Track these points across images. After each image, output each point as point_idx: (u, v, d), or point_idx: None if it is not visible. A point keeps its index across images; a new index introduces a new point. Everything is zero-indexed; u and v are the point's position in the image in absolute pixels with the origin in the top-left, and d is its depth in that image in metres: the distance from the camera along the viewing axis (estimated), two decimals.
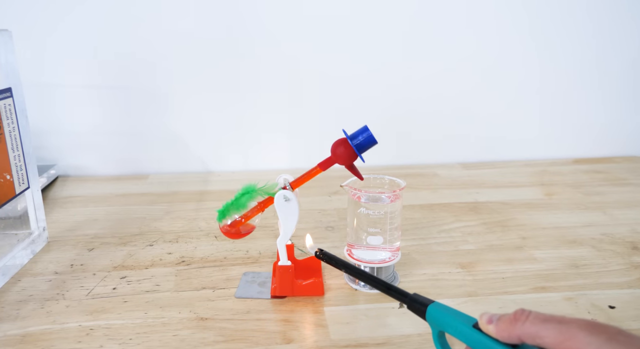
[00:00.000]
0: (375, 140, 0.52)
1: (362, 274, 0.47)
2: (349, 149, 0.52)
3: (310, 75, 0.99)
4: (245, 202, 0.54)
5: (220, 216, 0.55)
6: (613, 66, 1.06)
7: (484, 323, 0.36)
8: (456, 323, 0.38)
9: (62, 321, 0.52)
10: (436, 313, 0.40)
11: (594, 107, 1.08)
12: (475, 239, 0.71)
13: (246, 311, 0.54)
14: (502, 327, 0.35)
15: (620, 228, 0.74)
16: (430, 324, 0.41)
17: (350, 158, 0.53)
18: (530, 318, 0.34)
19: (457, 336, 0.38)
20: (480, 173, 1.00)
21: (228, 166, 1.03)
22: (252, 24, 0.95)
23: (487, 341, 0.36)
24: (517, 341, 0.34)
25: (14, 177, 0.62)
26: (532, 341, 0.33)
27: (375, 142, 0.52)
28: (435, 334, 0.41)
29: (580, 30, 1.03)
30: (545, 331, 0.33)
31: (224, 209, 0.55)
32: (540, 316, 0.34)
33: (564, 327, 0.32)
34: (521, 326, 0.34)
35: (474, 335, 0.37)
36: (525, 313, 0.35)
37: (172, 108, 0.99)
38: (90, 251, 0.68)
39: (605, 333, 0.31)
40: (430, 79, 1.02)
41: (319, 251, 0.51)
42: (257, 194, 0.54)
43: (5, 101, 0.60)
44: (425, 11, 0.98)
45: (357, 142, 0.52)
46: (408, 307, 0.42)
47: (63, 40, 0.93)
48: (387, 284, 0.45)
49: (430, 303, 0.41)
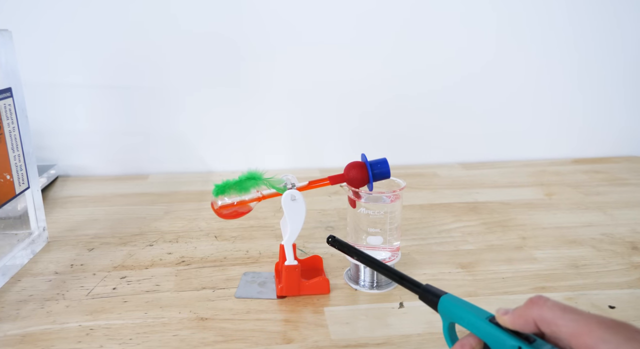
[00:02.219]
0: (389, 175, 0.54)
1: (375, 262, 0.47)
2: (364, 175, 0.54)
3: (311, 75, 0.99)
4: (249, 187, 0.53)
5: (217, 191, 0.53)
6: (613, 66, 1.06)
7: (500, 315, 0.36)
8: (468, 315, 0.38)
9: (62, 321, 0.52)
10: (448, 305, 0.40)
11: (594, 107, 1.08)
12: (475, 239, 0.71)
13: (246, 311, 0.54)
14: (518, 313, 0.35)
15: (620, 228, 0.74)
16: (442, 315, 0.41)
17: (361, 183, 0.55)
18: (548, 303, 0.34)
19: (469, 327, 0.38)
20: (480, 173, 1.00)
21: (228, 166, 1.03)
22: (252, 24, 0.95)
23: (500, 333, 0.36)
24: (532, 326, 0.34)
25: (14, 177, 0.62)
26: (547, 327, 0.33)
27: (388, 177, 0.54)
28: (445, 325, 0.41)
29: (580, 30, 1.03)
30: (563, 321, 0.32)
31: (223, 186, 0.53)
32: (560, 304, 0.33)
33: (583, 320, 0.31)
34: (539, 310, 0.33)
35: (486, 327, 0.37)
36: (543, 298, 0.34)
37: (172, 108, 0.99)
38: (90, 251, 0.68)
39: (625, 331, 0.30)
40: (430, 80, 1.02)
41: (331, 237, 0.50)
42: (261, 183, 0.54)
43: (5, 101, 0.60)
44: (425, 11, 0.98)
45: (374, 171, 0.54)
46: (420, 297, 0.43)
47: (63, 40, 0.93)
48: (401, 274, 0.45)
49: (443, 295, 0.41)
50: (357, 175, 0.54)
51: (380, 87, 1.02)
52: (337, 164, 1.04)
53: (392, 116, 1.04)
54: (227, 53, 0.96)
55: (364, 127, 1.03)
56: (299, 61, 0.98)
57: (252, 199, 0.55)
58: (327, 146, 1.05)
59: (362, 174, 0.54)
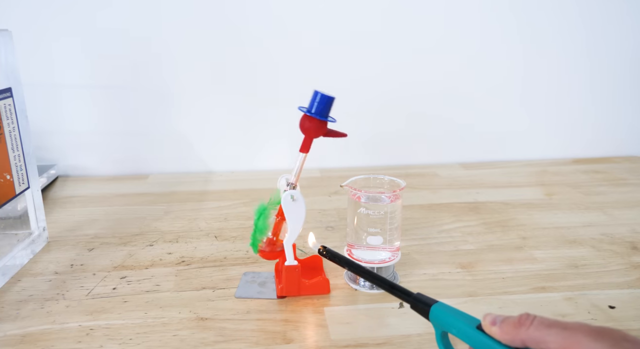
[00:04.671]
0: (329, 97, 0.51)
1: (366, 272, 0.47)
2: (314, 120, 0.52)
3: (311, 75, 0.99)
4: (265, 223, 0.55)
5: (254, 248, 0.56)
6: (613, 66, 1.06)
7: (488, 325, 0.36)
8: (459, 323, 0.38)
9: (62, 321, 0.52)
10: (439, 313, 0.40)
11: (594, 107, 1.08)
12: (475, 239, 0.71)
13: (246, 311, 0.54)
14: (506, 330, 0.35)
15: (620, 228, 0.74)
16: (434, 324, 0.40)
17: (320, 128, 0.53)
18: (534, 323, 0.34)
19: (460, 336, 0.38)
20: (480, 173, 1.00)
21: (228, 166, 1.03)
22: (252, 25, 0.95)
23: (491, 342, 0.36)
24: (521, 345, 0.34)
25: (14, 177, 0.62)
26: (536, 345, 0.33)
27: (332, 99, 0.52)
28: (438, 334, 0.40)
29: (581, 30, 1.03)
30: (550, 337, 0.32)
31: (253, 240, 0.55)
32: (545, 321, 0.33)
33: (568, 333, 0.32)
34: (526, 331, 0.33)
35: (477, 336, 0.37)
36: (530, 317, 0.34)
37: (172, 108, 0.99)
38: (90, 251, 0.68)
39: (611, 339, 0.30)
40: (430, 80, 1.02)
41: (323, 248, 0.51)
42: (269, 211, 0.55)
43: (5, 101, 0.60)
44: (425, 12, 0.98)
45: (315, 110, 0.52)
46: (411, 306, 0.42)
47: (63, 40, 0.93)
48: (391, 283, 0.44)
49: (433, 303, 0.40)
50: (312, 124, 0.52)
51: (381, 88, 1.02)
52: (337, 164, 1.04)
53: (392, 116, 1.03)
54: (227, 53, 0.96)
55: (364, 127, 1.03)
56: (299, 62, 0.98)
57: (276, 228, 0.56)
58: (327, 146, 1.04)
59: (314, 121, 0.52)
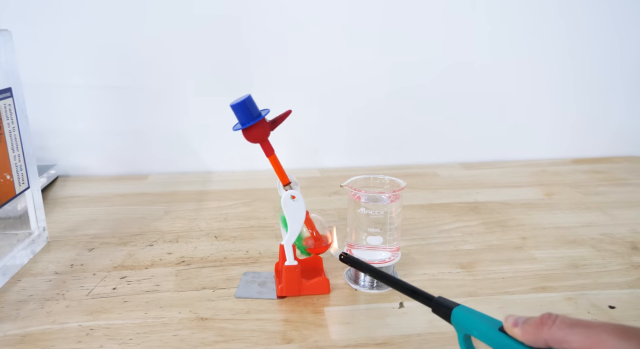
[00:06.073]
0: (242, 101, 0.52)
1: (388, 278, 0.48)
2: (250, 129, 0.53)
3: (311, 76, 0.99)
4: None
5: (302, 251, 0.57)
6: (613, 66, 1.06)
7: (510, 326, 0.36)
8: (481, 326, 0.38)
9: (62, 321, 0.52)
10: (461, 316, 0.40)
11: (594, 107, 1.08)
12: (475, 239, 0.71)
13: (246, 311, 0.54)
14: (528, 330, 0.34)
15: (620, 228, 0.74)
16: (456, 327, 0.40)
17: (261, 129, 0.54)
18: (557, 322, 0.33)
19: (483, 339, 0.38)
20: (480, 173, 1.00)
21: (228, 166, 1.03)
22: (251, 25, 0.95)
23: (514, 344, 0.35)
24: (544, 345, 0.34)
25: (14, 177, 0.62)
26: (559, 345, 0.33)
27: (245, 100, 0.53)
28: (461, 337, 0.40)
29: (581, 30, 1.03)
30: (572, 336, 0.32)
31: (298, 244, 0.56)
32: (567, 320, 0.33)
33: (592, 332, 0.31)
34: (548, 331, 0.33)
35: (500, 339, 0.36)
36: (552, 317, 0.34)
37: (172, 108, 0.99)
38: (90, 251, 0.68)
39: (636, 337, 0.30)
40: (429, 80, 1.02)
41: (344, 254, 0.52)
42: None
43: (5, 101, 0.60)
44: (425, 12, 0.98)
45: (243, 120, 0.53)
46: (433, 310, 0.42)
47: (63, 40, 0.93)
48: (414, 288, 0.45)
49: (455, 306, 0.40)
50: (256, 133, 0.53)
51: (381, 88, 1.02)
52: (337, 164, 1.04)
53: (392, 116, 1.04)
54: (227, 53, 0.96)
55: (364, 127, 1.03)
56: (299, 62, 0.98)
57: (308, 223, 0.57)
58: (327, 146, 1.05)
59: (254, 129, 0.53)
